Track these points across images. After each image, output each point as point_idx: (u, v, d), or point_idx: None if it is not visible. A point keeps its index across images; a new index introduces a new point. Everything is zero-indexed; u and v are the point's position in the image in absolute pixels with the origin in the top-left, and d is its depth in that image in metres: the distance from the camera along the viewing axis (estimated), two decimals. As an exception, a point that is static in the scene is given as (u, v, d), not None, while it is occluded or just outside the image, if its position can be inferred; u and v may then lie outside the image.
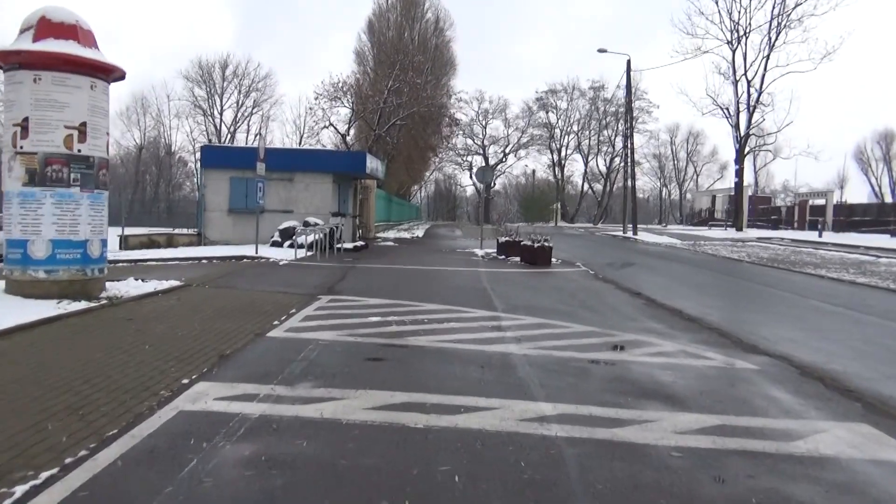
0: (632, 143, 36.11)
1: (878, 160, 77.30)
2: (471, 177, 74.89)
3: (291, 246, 17.85)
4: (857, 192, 79.13)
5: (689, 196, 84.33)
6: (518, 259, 17.54)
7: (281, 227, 20.15)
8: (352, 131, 37.45)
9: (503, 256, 18.57)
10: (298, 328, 7.35)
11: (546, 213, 68.87)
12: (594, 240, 33.76)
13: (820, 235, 32.26)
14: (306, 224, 19.35)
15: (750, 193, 52.31)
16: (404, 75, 32.76)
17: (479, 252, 20.30)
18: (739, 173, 37.69)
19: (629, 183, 36.99)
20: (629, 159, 37.27)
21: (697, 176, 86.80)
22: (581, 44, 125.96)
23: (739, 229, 37.35)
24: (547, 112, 74.66)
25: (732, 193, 59.28)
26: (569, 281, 13.67)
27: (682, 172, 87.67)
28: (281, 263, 15.34)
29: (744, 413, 4.80)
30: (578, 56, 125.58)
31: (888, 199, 69.50)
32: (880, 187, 76.11)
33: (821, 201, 46.02)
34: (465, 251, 21.36)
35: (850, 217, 40.85)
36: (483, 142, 75.74)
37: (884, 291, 13.46)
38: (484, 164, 67.20)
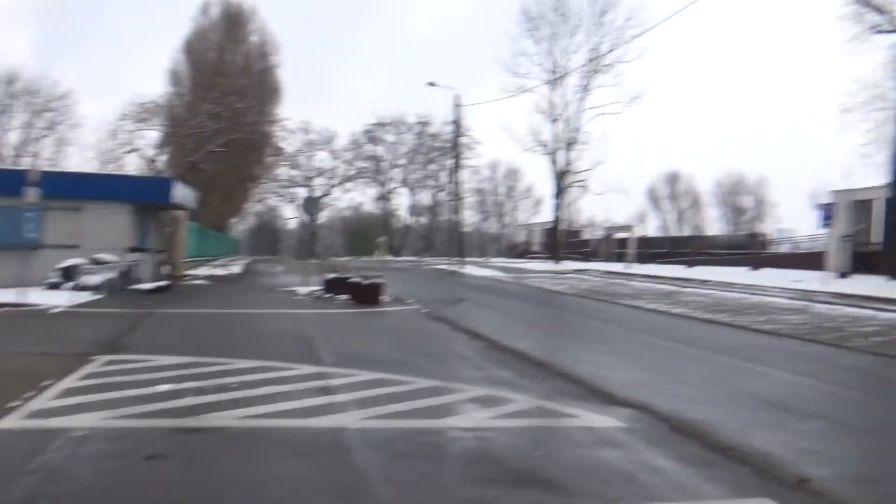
0: (459, 178, 36.56)
1: (665, 198, 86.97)
2: (294, 209, 72.16)
3: (76, 288, 14.91)
4: (653, 227, 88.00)
5: (507, 230, 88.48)
6: (346, 297, 16.15)
7: (61, 265, 16.88)
8: (163, 158, 33.83)
9: (330, 295, 17.06)
10: (48, 411, 5.35)
11: (372, 247, 68.08)
12: (422, 274, 33.32)
13: (628, 267, 34.58)
14: (95, 262, 16.40)
15: (563, 227, 55.69)
16: (224, 99, 30.22)
17: (304, 290, 18.58)
18: (557, 208, 39.77)
19: (456, 217, 37.26)
20: (456, 193, 37.64)
21: (515, 210, 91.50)
22: (410, 77, 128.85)
23: (557, 262, 39.15)
24: (374, 145, 74.54)
25: (547, 227, 62.95)
26: (403, 322, 12.57)
27: (501, 206, 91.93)
28: (53, 311, 12.48)
29: (639, 497, 3.89)
30: (407, 89, 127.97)
31: (674, 232, 78.27)
32: (668, 222, 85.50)
33: (624, 234, 50.03)
34: (288, 290, 19.50)
35: (650, 249, 44.73)
36: (308, 173, 73.52)
37: (699, 322, 13.96)
38: (309, 196, 65.02)
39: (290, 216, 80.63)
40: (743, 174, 79.01)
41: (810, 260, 32.55)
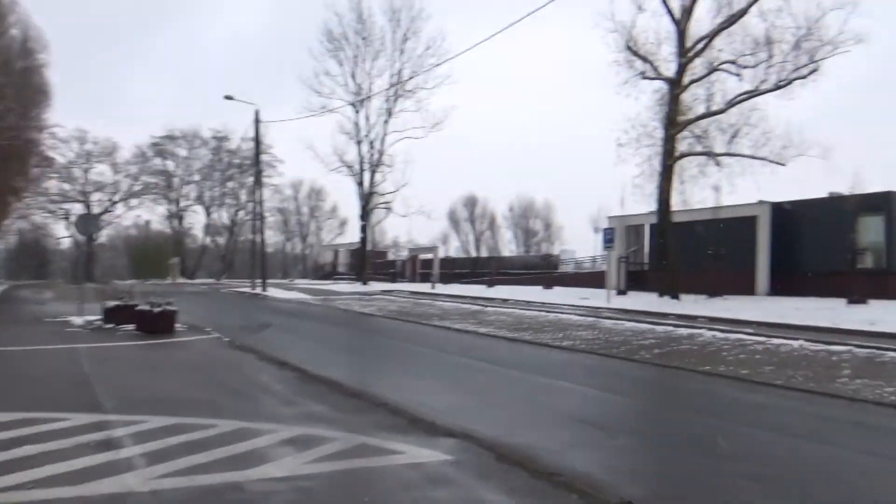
0: (261, 197, 34.84)
1: (465, 220, 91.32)
2: (67, 227, 63.74)
3: None
4: (454, 248, 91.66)
5: (311, 250, 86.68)
6: (132, 327, 14.32)
7: None
8: None
9: (112, 325, 15.01)
10: None
11: (163, 269, 62.46)
12: (221, 298, 31.11)
13: (433, 287, 35.42)
14: None
15: (369, 248, 55.78)
16: (-25, 98, 25.68)
17: (79, 321, 16.18)
18: (364, 229, 39.62)
19: (258, 237, 35.44)
20: (257, 213, 35.82)
21: (319, 231, 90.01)
22: (206, 90, 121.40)
23: (365, 283, 38.90)
24: (164, 159, 68.67)
25: (354, 248, 62.63)
26: (201, 353, 11.34)
27: (305, 227, 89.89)
28: None
29: (477, 545, 3.61)
30: (202, 102, 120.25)
31: (473, 252, 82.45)
32: (467, 243, 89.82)
33: (428, 255, 51.43)
34: (59, 320, 16.86)
35: (453, 269, 46.43)
36: (85, 188, 65.60)
37: (505, 341, 14.44)
38: (86, 213, 57.93)
39: (63, 235, 71.33)
40: (533, 199, 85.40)
41: (593, 279, 35.90)
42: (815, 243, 25.73)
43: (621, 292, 27.56)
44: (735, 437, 6.38)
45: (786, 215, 26.62)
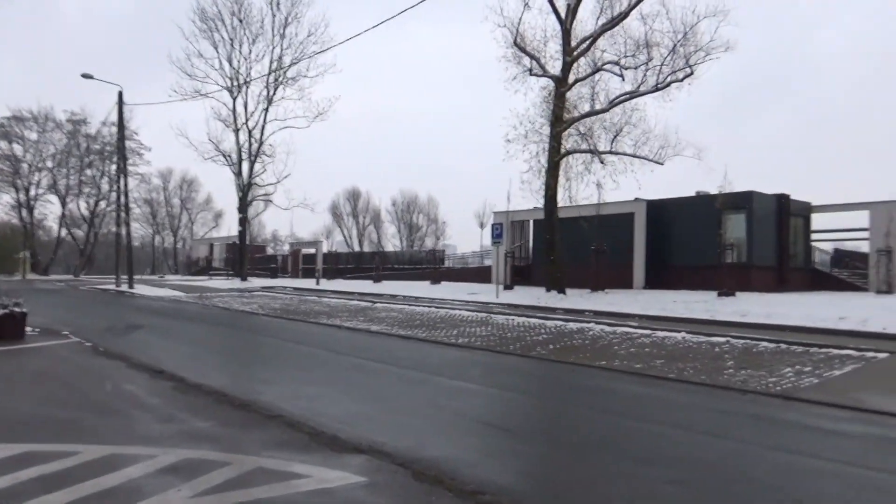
0: (125, 186, 32.00)
1: (348, 214, 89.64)
2: None
3: None
4: (338, 242, 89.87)
5: (184, 244, 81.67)
6: (-29, 333, 12.41)
7: None
8: None
9: (-56, 330, 12.96)
10: None
11: (10, 264, 56.23)
12: (81, 296, 28.26)
13: (317, 283, 34.23)
14: None
15: (247, 243, 53.12)
16: None
17: None
18: (243, 222, 37.43)
19: (123, 230, 32.56)
20: (121, 203, 32.91)
21: (192, 224, 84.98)
22: (60, 67, 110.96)
23: (244, 279, 36.91)
24: (11, 142, 61.64)
25: (231, 242, 59.50)
26: (58, 362, 9.93)
27: (176, 219, 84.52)
28: None
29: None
30: (56, 81, 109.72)
31: (356, 247, 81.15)
32: (351, 238, 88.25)
33: (311, 250, 49.84)
34: None
35: (337, 265, 45.29)
36: (-89, 171, 57.65)
37: (399, 339, 13.96)
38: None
39: None
40: (417, 194, 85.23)
41: (480, 274, 36.33)
42: (685, 239, 27.38)
43: (508, 287, 27.93)
44: (645, 437, 6.30)
45: (659, 212, 28.13)
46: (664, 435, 6.40)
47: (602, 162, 22.96)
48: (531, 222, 32.57)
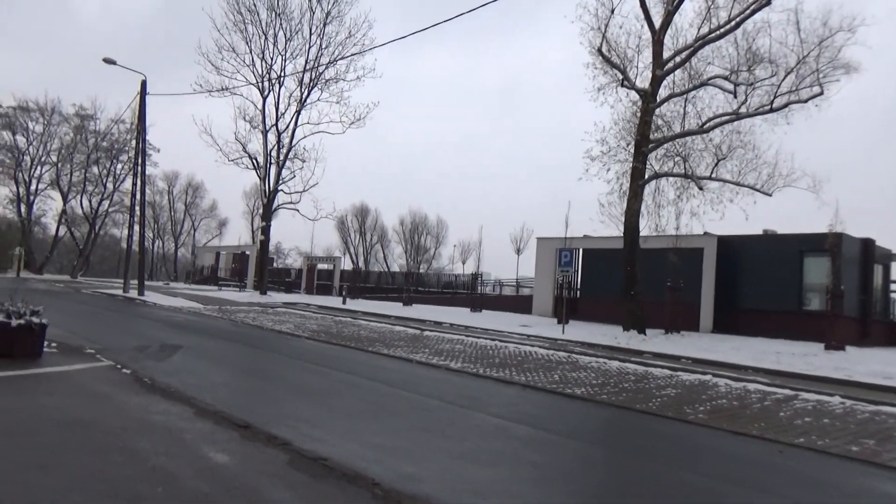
0: (143, 183, 29.32)
1: (355, 231, 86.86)
2: None
3: None
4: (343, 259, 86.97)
5: (193, 252, 78.70)
6: (-28, 346, 9.67)
7: None
8: None
9: (-62, 339, 10.20)
10: None
11: (4, 260, 53.23)
12: (89, 301, 25.37)
13: (344, 302, 31.48)
14: None
15: (248, 253, 50.30)
16: None
17: None
18: (266, 231, 34.60)
19: (135, 231, 29.85)
20: (135, 202, 30.26)
21: (195, 230, 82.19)
22: (74, 63, 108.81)
23: (264, 293, 34.05)
24: (14, 133, 58.83)
25: (239, 252, 56.61)
26: (95, 402, 7.16)
27: (178, 225, 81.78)
28: None
29: None
30: (68, 76, 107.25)
31: (361, 265, 78.26)
32: (357, 256, 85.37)
33: (327, 266, 47.05)
34: None
35: (356, 282, 42.47)
36: None
37: (494, 382, 11.29)
38: None
39: None
40: (426, 214, 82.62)
41: (518, 303, 33.70)
42: (759, 281, 24.88)
43: (562, 321, 25.30)
44: None
45: (730, 249, 25.67)
46: None
47: (701, 188, 20.45)
48: (580, 251, 30.02)
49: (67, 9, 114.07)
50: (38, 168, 61.16)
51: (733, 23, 19.42)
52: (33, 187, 61.19)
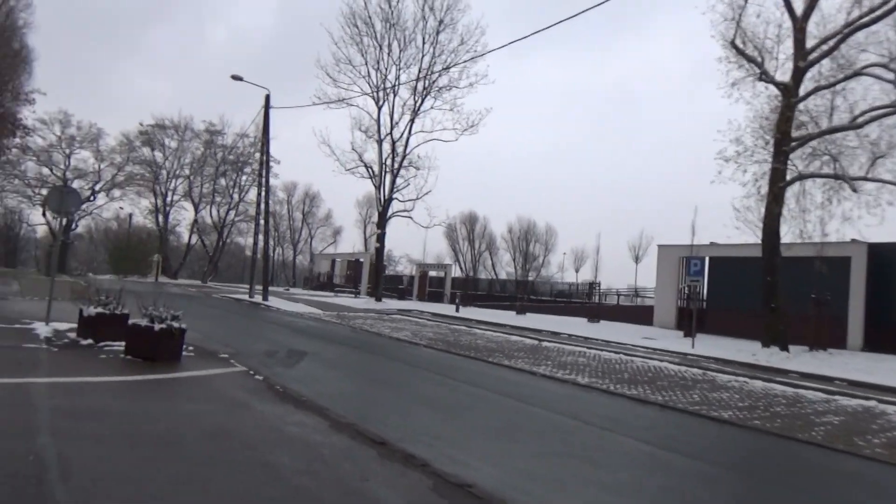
0: (267, 194, 30.62)
1: (463, 238, 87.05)
2: (44, 214, 58.31)
3: None
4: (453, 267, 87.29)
5: (303, 258, 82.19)
6: (120, 348, 10.15)
7: None
8: None
9: (90, 341, 10.82)
10: None
11: (143, 267, 57.63)
12: (219, 305, 26.72)
13: (457, 310, 31.35)
14: None
15: (362, 260, 51.44)
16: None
17: (45, 329, 11.94)
18: (381, 238, 35.30)
19: (259, 241, 31.20)
20: (260, 210, 31.66)
21: (312, 238, 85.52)
22: (202, 75, 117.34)
23: (379, 299, 34.67)
24: (153, 149, 63.77)
25: (353, 259, 58.25)
26: (233, 410, 7.14)
27: (296, 233, 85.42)
28: None
29: None
30: (196, 91, 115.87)
31: (471, 273, 78.23)
32: (465, 263, 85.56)
33: (437, 273, 47.31)
34: (18, 326, 12.58)
35: (467, 290, 42.35)
36: (66, 174, 60.41)
37: (637, 403, 10.46)
38: (62, 185, 52.98)
39: (38, 222, 65.99)
40: (534, 221, 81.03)
41: (637, 314, 32.17)
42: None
43: (688, 334, 23.75)
44: None
45: (884, 258, 23.09)
46: None
47: (855, 190, 18.45)
48: (707, 259, 28.16)
49: (202, 36, 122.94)
50: (173, 181, 66.00)
51: (893, 2, 17.30)
52: (169, 199, 66.09)
